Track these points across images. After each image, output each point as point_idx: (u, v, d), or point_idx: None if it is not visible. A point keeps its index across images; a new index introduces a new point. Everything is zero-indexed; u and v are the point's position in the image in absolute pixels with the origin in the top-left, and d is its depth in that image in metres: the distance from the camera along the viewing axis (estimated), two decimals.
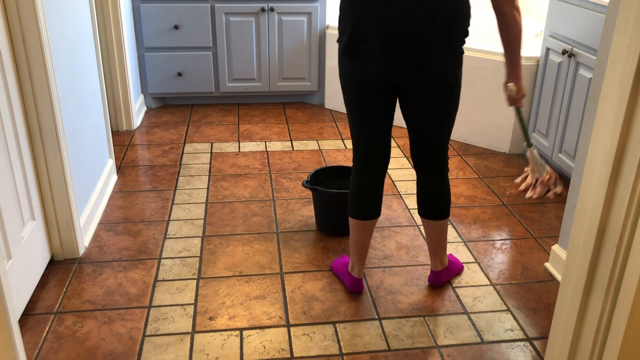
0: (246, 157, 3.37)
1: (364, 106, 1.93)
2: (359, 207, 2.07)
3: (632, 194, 1.23)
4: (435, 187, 2.07)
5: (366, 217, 2.08)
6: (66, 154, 2.27)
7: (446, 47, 1.82)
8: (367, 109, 1.94)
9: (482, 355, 1.92)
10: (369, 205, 2.07)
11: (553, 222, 2.71)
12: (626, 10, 1.21)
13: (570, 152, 2.91)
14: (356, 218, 2.08)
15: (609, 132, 1.27)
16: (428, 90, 1.88)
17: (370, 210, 2.07)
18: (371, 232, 2.13)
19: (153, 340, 1.96)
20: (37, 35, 2.04)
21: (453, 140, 3.59)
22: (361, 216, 2.08)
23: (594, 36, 2.67)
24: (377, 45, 1.79)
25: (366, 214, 2.07)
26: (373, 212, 2.08)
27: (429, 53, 1.80)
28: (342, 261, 2.30)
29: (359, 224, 2.09)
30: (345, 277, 2.22)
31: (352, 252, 2.17)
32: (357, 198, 2.07)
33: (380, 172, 2.06)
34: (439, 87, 1.88)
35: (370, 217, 2.08)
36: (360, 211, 2.07)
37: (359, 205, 2.07)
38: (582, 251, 1.40)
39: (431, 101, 1.90)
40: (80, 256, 2.41)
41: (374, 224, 2.11)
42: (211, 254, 2.43)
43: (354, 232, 2.12)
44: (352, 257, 2.18)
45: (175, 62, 3.99)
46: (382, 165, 2.05)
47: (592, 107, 2.00)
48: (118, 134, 3.66)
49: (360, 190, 2.07)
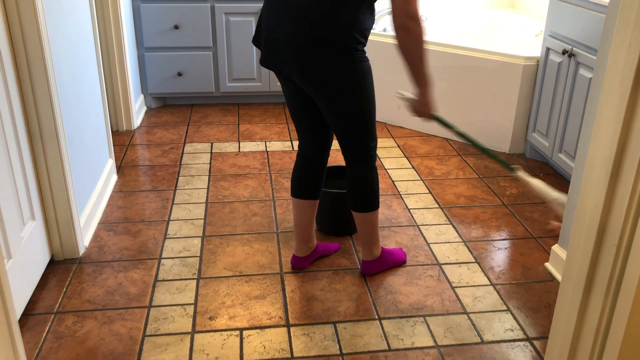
0: (246, 157, 3.37)
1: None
2: (292, 186, 2.28)
3: (632, 194, 1.23)
4: (351, 179, 2.17)
5: (297, 197, 2.27)
6: (66, 154, 2.27)
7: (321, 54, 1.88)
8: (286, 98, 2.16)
9: (482, 355, 1.92)
10: (299, 186, 2.25)
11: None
12: (626, 10, 1.21)
13: (570, 152, 2.91)
14: (292, 196, 2.29)
15: (609, 132, 1.27)
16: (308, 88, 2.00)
17: (300, 190, 2.25)
18: (307, 212, 2.28)
19: (153, 340, 1.96)
20: (37, 35, 2.04)
21: (452, 140, 3.60)
22: (293, 194, 2.28)
23: (594, 36, 2.67)
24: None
25: (297, 194, 2.27)
26: (302, 192, 2.25)
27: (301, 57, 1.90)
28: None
29: (293, 202, 2.30)
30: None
31: (294, 232, 2.35)
32: (293, 178, 2.28)
33: (309, 162, 2.23)
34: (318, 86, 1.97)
35: (301, 196, 2.26)
36: (293, 190, 2.28)
37: (292, 184, 2.28)
38: (582, 251, 1.40)
39: (318, 100, 2.01)
40: (80, 256, 2.41)
41: (308, 205, 2.27)
42: (211, 254, 2.43)
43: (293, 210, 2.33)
44: (295, 236, 2.34)
45: (175, 62, 3.99)
46: (309, 157, 2.22)
47: (592, 107, 2.00)
48: (118, 133, 3.66)
49: (296, 171, 2.27)
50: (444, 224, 2.68)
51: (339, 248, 2.48)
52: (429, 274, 2.32)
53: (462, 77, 3.44)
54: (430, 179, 3.11)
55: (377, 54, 3.60)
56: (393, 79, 3.64)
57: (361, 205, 2.17)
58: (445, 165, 3.27)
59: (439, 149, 3.49)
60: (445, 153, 3.43)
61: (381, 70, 3.70)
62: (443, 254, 2.45)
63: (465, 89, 3.46)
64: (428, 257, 2.43)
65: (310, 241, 2.33)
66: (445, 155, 3.40)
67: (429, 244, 2.53)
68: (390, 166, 3.25)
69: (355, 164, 2.13)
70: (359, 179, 2.14)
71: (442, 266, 2.37)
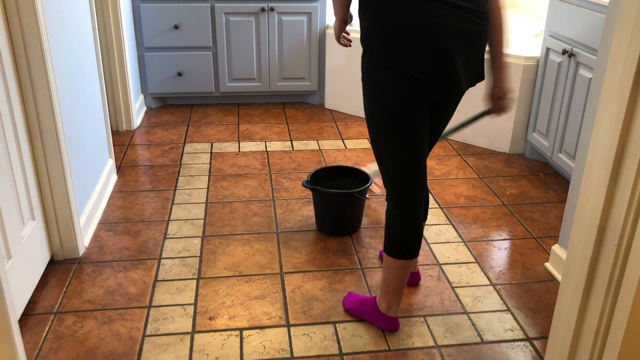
0: (246, 157, 3.37)
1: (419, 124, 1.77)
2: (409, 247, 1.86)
3: (632, 194, 1.23)
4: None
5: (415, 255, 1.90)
6: (66, 154, 2.27)
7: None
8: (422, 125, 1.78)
9: (482, 355, 1.92)
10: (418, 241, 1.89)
11: (553, 222, 2.71)
12: (626, 10, 1.21)
13: (570, 152, 2.91)
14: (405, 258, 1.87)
15: (609, 132, 1.27)
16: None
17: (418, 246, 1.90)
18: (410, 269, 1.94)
19: (153, 340, 1.96)
20: (37, 35, 2.04)
21: (453, 140, 3.59)
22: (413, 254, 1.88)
23: (594, 36, 2.67)
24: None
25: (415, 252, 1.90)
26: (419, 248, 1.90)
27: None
28: (357, 299, 2.10)
29: (403, 263, 1.88)
30: (377, 318, 2.01)
31: (393, 293, 1.93)
32: (409, 236, 1.85)
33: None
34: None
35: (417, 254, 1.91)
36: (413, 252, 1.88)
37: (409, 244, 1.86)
38: (582, 251, 1.40)
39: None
40: (80, 256, 2.41)
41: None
42: (211, 254, 2.43)
43: (400, 272, 1.89)
44: (392, 297, 1.94)
45: (175, 62, 3.99)
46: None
47: (592, 107, 2.00)
48: (118, 133, 3.66)
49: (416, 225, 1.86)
50: (444, 224, 2.68)
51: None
52: (429, 274, 2.32)
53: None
54: (430, 179, 3.11)
55: None
56: None
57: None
58: (445, 165, 3.27)
59: (439, 149, 3.49)
60: (445, 153, 3.43)
61: None
62: (443, 254, 2.45)
63: None
64: (428, 257, 2.43)
65: None
66: (445, 155, 3.40)
67: (429, 244, 2.53)
68: None
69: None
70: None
71: (442, 266, 2.37)
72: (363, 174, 2.63)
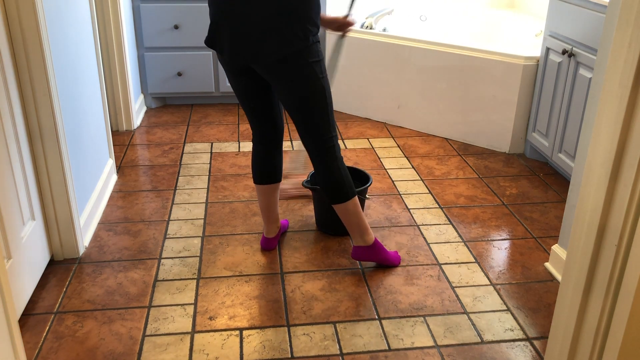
0: (246, 157, 3.37)
1: (236, 87, 2.16)
2: (255, 174, 2.35)
3: (632, 194, 1.23)
4: (318, 171, 2.19)
5: (262, 182, 2.34)
6: (66, 154, 2.27)
7: (278, 40, 1.95)
8: (237, 89, 2.17)
9: (482, 355, 1.92)
10: (263, 171, 2.33)
11: (553, 222, 2.71)
12: (626, 10, 1.21)
13: (570, 152, 2.91)
14: (255, 183, 2.36)
15: (609, 132, 1.27)
16: (271, 77, 2.05)
17: (265, 176, 2.33)
18: (273, 196, 2.38)
19: (153, 340, 1.96)
20: (37, 35, 2.04)
21: (452, 140, 3.60)
22: (257, 181, 2.35)
23: (594, 36, 2.67)
24: (226, 36, 2.03)
25: (262, 180, 2.34)
26: (267, 178, 2.33)
27: (259, 45, 1.97)
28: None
29: (258, 188, 2.37)
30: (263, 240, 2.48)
31: (262, 215, 2.44)
32: (254, 165, 2.35)
33: (271, 141, 2.28)
34: (281, 75, 2.02)
35: (266, 182, 2.33)
36: (256, 177, 2.34)
37: (255, 172, 2.35)
38: (582, 251, 1.40)
39: (279, 88, 2.07)
40: (80, 256, 2.41)
41: (272, 189, 2.36)
42: (211, 254, 2.43)
43: (258, 196, 2.40)
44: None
45: (175, 62, 3.99)
46: (271, 135, 2.28)
47: (592, 107, 2.00)
48: (118, 133, 3.66)
49: (256, 159, 2.33)
50: (443, 224, 2.68)
51: (287, 223, 2.64)
52: (429, 273, 2.32)
53: (462, 77, 3.44)
54: (430, 179, 3.11)
55: (377, 53, 3.60)
56: (393, 79, 3.64)
57: (335, 195, 2.21)
58: (445, 165, 3.27)
59: (438, 149, 3.49)
60: (445, 153, 3.43)
61: (381, 70, 3.70)
62: (443, 254, 2.45)
63: (466, 89, 3.46)
64: (428, 257, 2.43)
65: (278, 221, 2.46)
66: (445, 155, 3.40)
67: (428, 243, 2.53)
68: (390, 166, 3.25)
69: (321, 154, 2.16)
70: (327, 170, 2.18)
71: (442, 266, 2.37)
72: (363, 174, 2.63)
